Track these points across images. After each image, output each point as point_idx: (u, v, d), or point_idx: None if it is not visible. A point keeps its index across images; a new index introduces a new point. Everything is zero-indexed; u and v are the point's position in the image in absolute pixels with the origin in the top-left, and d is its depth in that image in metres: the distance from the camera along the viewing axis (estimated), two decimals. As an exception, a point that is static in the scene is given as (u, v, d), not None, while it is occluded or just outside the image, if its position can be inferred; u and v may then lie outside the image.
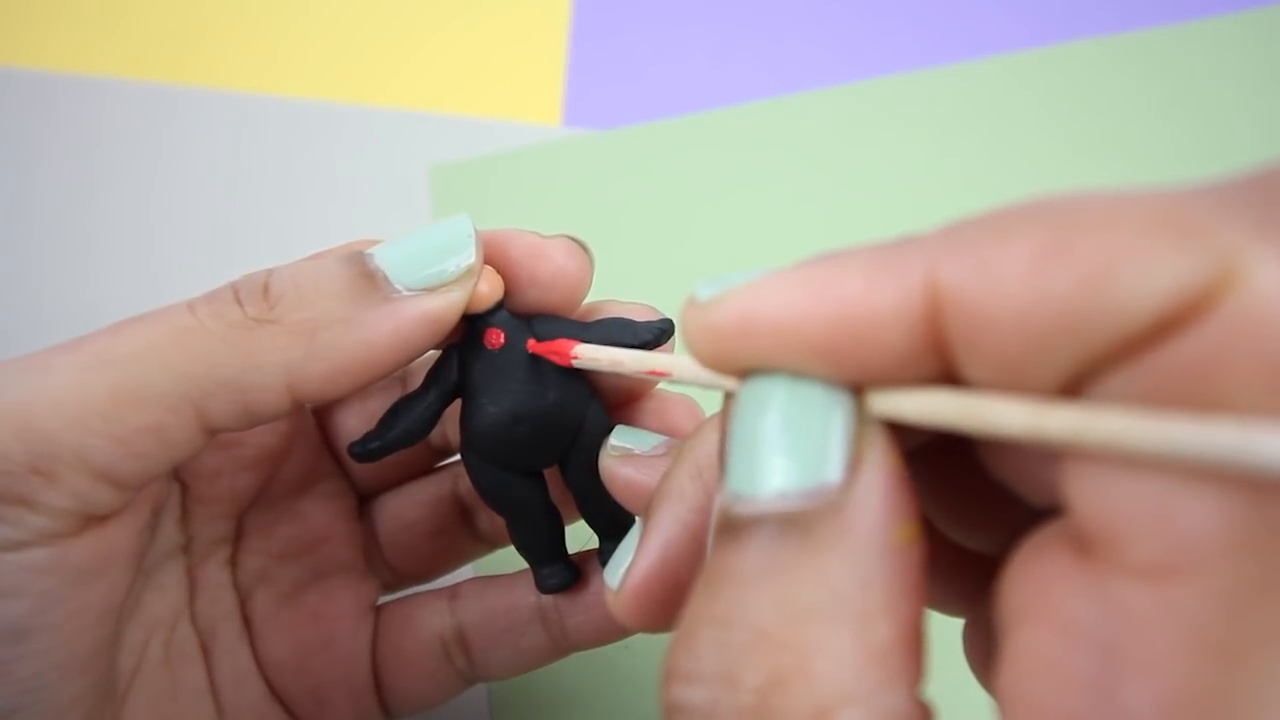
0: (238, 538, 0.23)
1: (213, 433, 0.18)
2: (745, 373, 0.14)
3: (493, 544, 0.25)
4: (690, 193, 0.36)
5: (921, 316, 0.12)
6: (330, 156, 0.37)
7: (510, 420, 0.20)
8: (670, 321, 0.20)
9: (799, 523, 0.12)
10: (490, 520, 0.24)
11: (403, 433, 0.20)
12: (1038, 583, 0.12)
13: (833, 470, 0.13)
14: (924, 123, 0.37)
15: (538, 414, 0.20)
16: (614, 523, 0.21)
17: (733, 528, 0.13)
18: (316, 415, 0.24)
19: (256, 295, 0.18)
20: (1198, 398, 0.10)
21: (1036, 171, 0.36)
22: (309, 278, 0.18)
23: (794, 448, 0.13)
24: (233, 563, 0.23)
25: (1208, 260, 0.10)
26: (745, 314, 0.13)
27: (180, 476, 0.21)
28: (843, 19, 0.39)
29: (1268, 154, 0.34)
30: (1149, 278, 0.10)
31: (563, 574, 0.22)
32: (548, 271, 0.20)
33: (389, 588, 0.25)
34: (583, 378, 0.21)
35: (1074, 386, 0.11)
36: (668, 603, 0.16)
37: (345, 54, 0.39)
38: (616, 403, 0.21)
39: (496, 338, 0.20)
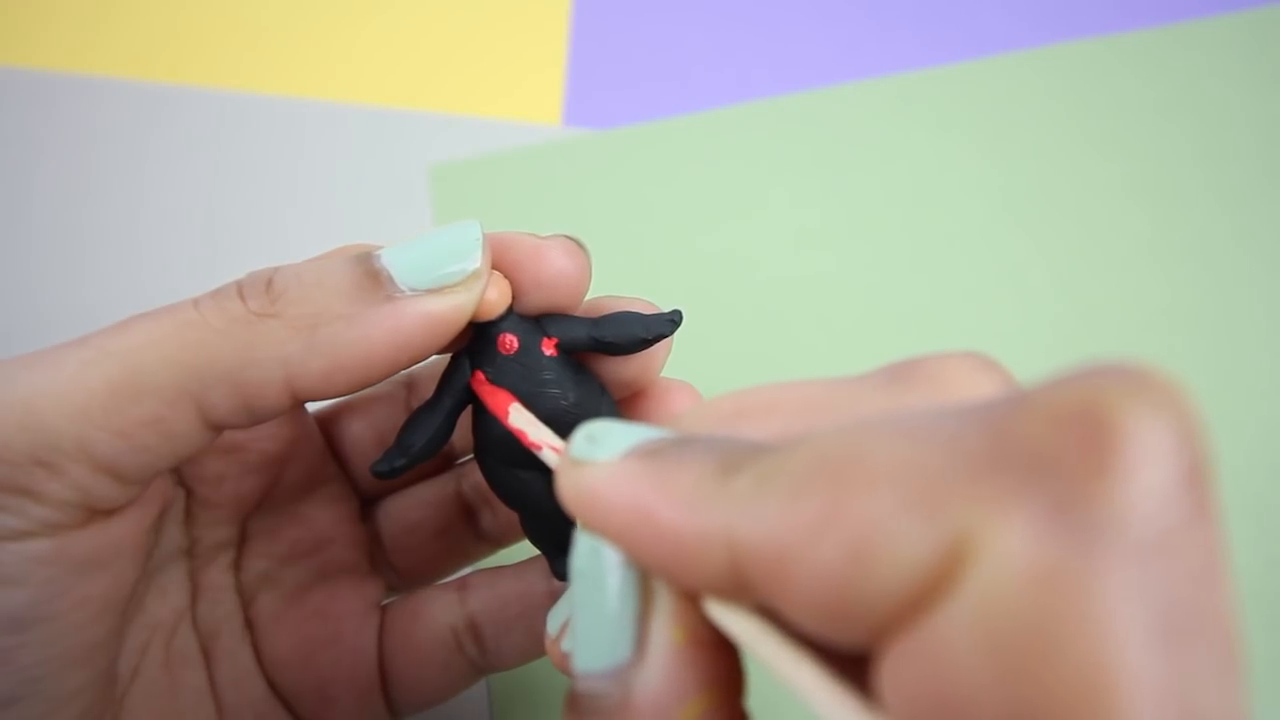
0: (242, 541, 0.23)
1: (214, 428, 0.18)
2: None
3: (497, 544, 0.25)
4: (690, 192, 0.36)
5: (725, 561, 0.12)
6: (330, 156, 0.37)
7: None
8: (679, 312, 0.20)
9: (600, 704, 0.13)
10: (494, 519, 0.24)
11: (424, 447, 0.20)
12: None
13: (623, 652, 0.14)
14: (925, 122, 0.37)
15: (558, 415, 0.20)
16: None
17: (570, 698, 0.14)
18: (319, 418, 0.24)
19: (259, 290, 0.18)
20: (945, 685, 0.10)
21: (1037, 171, 0.36)
22: (313, 274, 0.18)
23: (597, 629, 0.14)
24: (236, 566, 0.23)
25: (946, 536, 0.10)
26: (590, 496, 0.14)
27: (184, 481, 0.21)
28: (843, 18, 0.39)
29: (1268, 154, 0.34)
30: (899, 555, 0.11)
31: None
32: (549, 273, 0.20)
33: (393, 589, 0.25)
34: (592, 374, 0.21)
35: (875, 649, 0.12)
36: None
37: (345, 54, 0.39)
38: (620, 397, 0.22)
39: (511, 343, 0.20)
